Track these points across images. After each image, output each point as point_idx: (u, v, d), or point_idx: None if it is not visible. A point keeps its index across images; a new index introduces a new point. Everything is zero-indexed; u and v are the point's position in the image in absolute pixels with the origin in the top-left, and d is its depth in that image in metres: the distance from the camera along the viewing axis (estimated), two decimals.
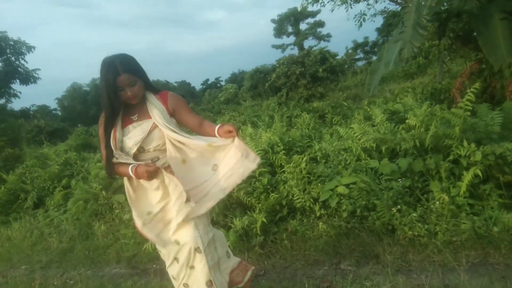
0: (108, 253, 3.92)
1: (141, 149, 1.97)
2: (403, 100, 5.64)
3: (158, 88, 2.10)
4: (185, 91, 48.57)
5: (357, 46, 34.98)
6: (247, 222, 3.33)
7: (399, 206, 2.89)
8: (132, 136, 1.95)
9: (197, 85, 55.44)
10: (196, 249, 1.97)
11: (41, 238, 4.76)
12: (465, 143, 2.93)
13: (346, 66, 27.82)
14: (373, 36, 33.72)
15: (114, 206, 4.52)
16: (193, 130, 2.07)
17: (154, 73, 2.10)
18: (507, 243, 2.48)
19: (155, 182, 1.96)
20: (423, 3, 4.11)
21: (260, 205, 3.51)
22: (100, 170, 5.24)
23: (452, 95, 6.33)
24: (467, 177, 2.70)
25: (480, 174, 2.69)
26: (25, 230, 5.05)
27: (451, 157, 2.98)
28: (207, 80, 54.60)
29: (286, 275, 2.82)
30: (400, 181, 3.07)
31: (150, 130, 1.94)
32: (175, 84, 52.70)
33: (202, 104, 31.86)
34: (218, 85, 49.65)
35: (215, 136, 1.96)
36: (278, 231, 3.34)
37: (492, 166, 2.82)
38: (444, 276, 2.39)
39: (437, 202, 2.80)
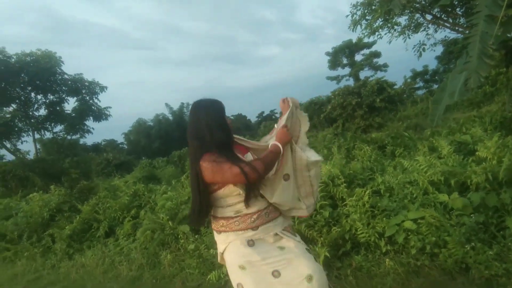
0: (174, 282, 4.07)
1: None
2: (470, 130, 5.39)
3: None
4: (241, 124, 49.85)
5: (416, 75, 34.03)
6: None
7: (472, 244, 2.74)
8: None
9: (253, 117, 56.69)
10: None
11: (112, 266, 5.05)
12: None
13: (405, 96, 27.09)
14: (433, 65, 32.68)
15: (179, 236, 4.71)
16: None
17: None
18: None
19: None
20: (487, 32, 3.98)
21: (322, 238, 3.49)
22: (166, 201, 5.53)
23: None
24: None
25: None
26: (97, 258, 5.39)
27: None
28: (262, 112, 55.69)
29: None
30: (473, 217, 2.92)
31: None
32: (232, 117, 54.23)
33: (258, 136, 32.43)
34: (273, 117, 50.35)
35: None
36: (342, 267, 3.29)
37: None
38: None
39: None
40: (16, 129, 17.94)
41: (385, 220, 3.29)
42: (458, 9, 8.76)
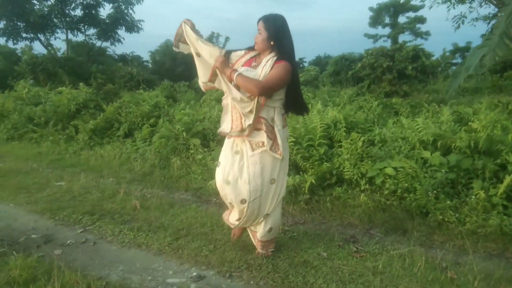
0: (179, 182, 4.67)
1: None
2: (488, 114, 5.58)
3: (283, 58, 2.32)
4: None
5: (456, 49, 32.67)
6: (298, 180, 3.82)
7: (435, 192, 3.16)
8: None
9: None
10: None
11: (127, 160, 5.70)
12: None
13: (439, 69, 26.27)
14: (477, 42, 31.22)
15: (190, 147, 5.26)
16: None
17: (239, 44, 2.56)
18: None
19: None
20: None
21: (313, 170, 3.95)
22: (184, 116, 6.03)
23: None
24: (508, 179, 2.89)
25: None
26: (115, 152, 6.04)
27: (499, 161, 3.15)
28: None
29: (321, 227, 3.28)
30: (444, 172, 3.31)
31: None
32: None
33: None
34: (301, 65, 49.38)
35: None
36: (323, 195, 3.77)
37: None
38: (459, 257, 2.67)
39: (473, 197, 3.02)
40: (51, 24, 18.35)
41: (370, 164, 3.71)
42: None
